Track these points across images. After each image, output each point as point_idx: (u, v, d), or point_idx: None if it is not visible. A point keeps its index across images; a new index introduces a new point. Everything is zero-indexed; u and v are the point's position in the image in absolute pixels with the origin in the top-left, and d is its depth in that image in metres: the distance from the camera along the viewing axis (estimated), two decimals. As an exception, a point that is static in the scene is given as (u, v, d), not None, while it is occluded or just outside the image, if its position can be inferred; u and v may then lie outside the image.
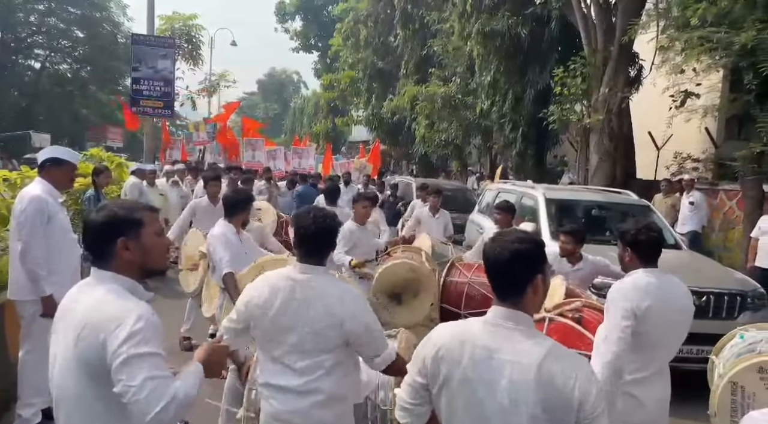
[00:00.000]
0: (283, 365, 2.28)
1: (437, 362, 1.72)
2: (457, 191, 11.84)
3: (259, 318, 2.30)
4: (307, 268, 2.33)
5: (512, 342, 1.65)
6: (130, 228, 1.85)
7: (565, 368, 1.60)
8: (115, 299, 1.75)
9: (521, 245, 1.70)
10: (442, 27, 16.78)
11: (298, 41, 40.04)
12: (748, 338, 3.03)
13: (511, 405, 1.61)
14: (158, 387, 1.66)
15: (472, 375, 1.66)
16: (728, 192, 9.59)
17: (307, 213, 2.40)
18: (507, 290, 1.71)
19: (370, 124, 23.56)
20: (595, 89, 10.86)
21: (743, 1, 7.51)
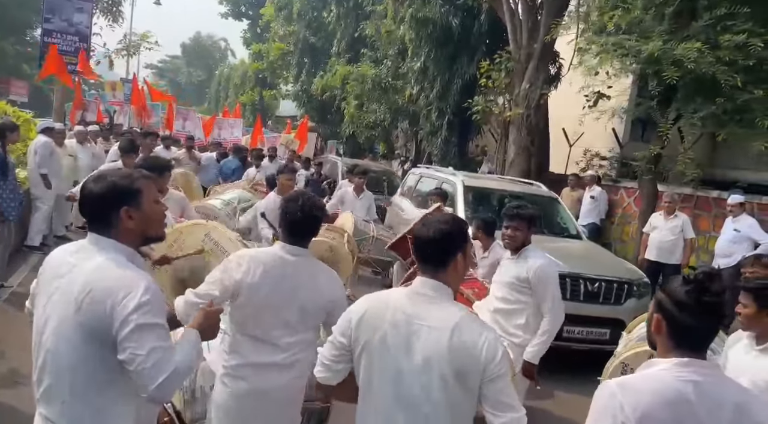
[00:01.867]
0: (263, 343, 2.42)
1: (360, 324, 1.89)
2: (382, 174, 12.05)
3: (249, 296, 2.39)
4: (295, 250, 2.49)
5: (430, 309, 1.83)
6: (132, 197, 1.86)
7: (474, 333, 1.80)
8: (119, 267, 1.77)
9: (446, 225, 1.93)
10: (376, 8, 16.80)
11: (227, 7, 38.58)
12: None
13: (424, 365, 1.78)
14: (163, 358, 1.70)
15: (392, 337, 1.83)
16: (628, 189, 10.40)
17: (296, 200, 2.53)
18: (432, 264, 1.91)
19: (299, 100, 23.25)
20: (517, 84, 11.34)
21: (653, 13, 8.14)
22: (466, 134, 13.83)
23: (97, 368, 1.74)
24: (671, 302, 1.62)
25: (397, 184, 12.02)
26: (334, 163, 12.63)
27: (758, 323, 2.55)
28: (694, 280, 1.61)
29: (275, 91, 30.79)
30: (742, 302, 2.60)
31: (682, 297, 1.59)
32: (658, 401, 1.53)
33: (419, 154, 16.44)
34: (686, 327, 1.60)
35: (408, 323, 1.83)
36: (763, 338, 2.56)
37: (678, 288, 1.62)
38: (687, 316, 1.59)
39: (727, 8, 7.35)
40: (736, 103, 7.31)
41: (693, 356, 1.59)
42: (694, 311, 1.59)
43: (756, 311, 2.54)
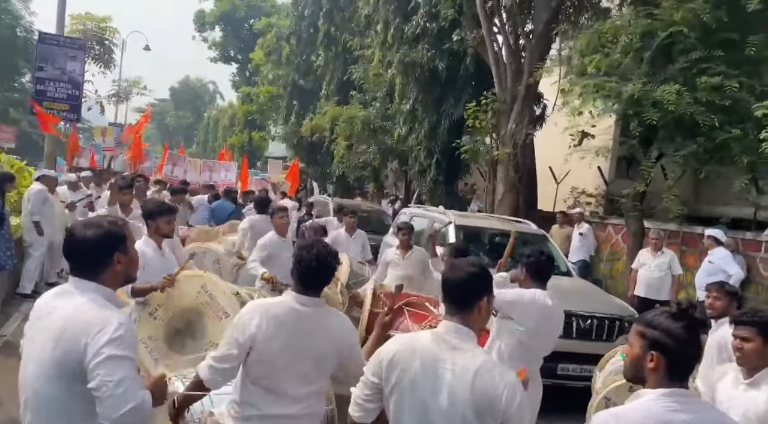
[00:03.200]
0: (277, 394, 2.39)
1: (391, 365, 2.00)
2: (373, 213, 12.17)
3: (263, 350, 2.36)
4: (309, 300, 2.45)
5: (455, 354, 1.95)
6: (122, 242, 1.98)
7: (495, 377, 1.92)
8: (97, 307, 1.85)
9: (474, 269, 2.06)
10: (363, 53, 17.26)
11: (216, 52, 39.35)
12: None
13: (449, 407, 1.90)
14: (133, 388, 1.77)
15: (420, 379, 1.95)
16: (615, 226, 10.58)
17: (310, 248, 2.49)
18: (458, 307, 2.03)
19: (288, 141, 23.54)
20: (504, 124, 11.64)
21: (631, 57, 8.48)
22: (454, 173, 14.07)
23: (72, 403, 1.80)
24: (671, 339, 1.70)
25: (387, 223, 12.13)
26: (325, 204, 12.75)
27: (761, 356, 2.56)
28: (687, 316, 1.72)
29: (264, 133, 31.15)
30: (745, 335, 2.59)
31: (680, 333, 1.69)
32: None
33: (409, 193, 16.62)
34: (686, 360, 1.72)
35: (434, 366, 1.95)
36: (752, 372, 2.60)
37: (673, 325, 1.70)
38: (688, 350, 1.71)
39: (702, 52, 7.72)
40: (715, 141, 7.57)
41: (680, 386, 1.70)
42: (694, 345, 1.71)
43: (761, 345, 2.56)
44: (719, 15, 7.63)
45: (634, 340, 1.81)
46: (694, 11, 7.65)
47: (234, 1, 37.38)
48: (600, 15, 11.32)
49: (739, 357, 2.63)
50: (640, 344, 1.77)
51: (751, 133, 7.24)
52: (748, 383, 2.60)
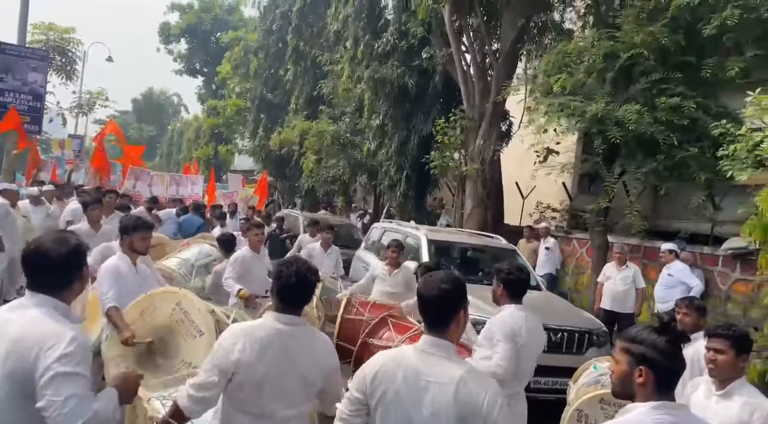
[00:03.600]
0: (261, 418, 2.35)
1: (376, 380, 2.04)
2: (342, 227, 12.17)
3: (248, 374, 2.31)
4: (290, 319, 2.41)
5: (436, 366, 2.01)
6: (84, 259, 2.03)
7: (477, 386, 1.98)
8: (51, 321, 1.85)
9: (449, 285, 2.08)
10: (333, 68, 17.37)
11: (181, 64, 38.90)
12: (599, 369, 3.56)
13: (433, 417, 1.96)
14: (80, 405, 1.75)
15: (404, 392, 2.00)
16: (580, 240, 10.86)
17: (290, 264, 2.45)
18: (435, 322, 2.08)
19: (256, 155, 23.38)
20: (472, 140, 11.87)
21: (594, 77, 8.79)
22: (423, 188, 14.22)
23: (19, 416, 1.79)
24: (657, 353, 1.77)
25: (357, 238, 12.15)
26: (295, 218, 12.69)
27: (734, 368, 2.67)
28: (669, 329, 1.80)
29: (231, 147, 30.84)
30: (718, 347, 2.68)
31: (666, 347, 1.77)
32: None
33: (378, 207, 16.70)
34: (671, 373, 1.79)
35: (417, 379, 2.00)
36: (724, 383, 2.70)
37: (658, 339, 1.78)
38: (674, 363, 1.78)
39: (661, 73, 8.06)
40: (674, 159, 7.89)
41: (669, 398, 1.77)
42: (678, 357, 1.79)
43: (734, 358, 2.67)
44: (677, 39, 8.00)
45: (620, 356, 1.85)
46: (653, 34, 7.99)
47: (200, 14, 37.11)
48: (564, 36, 11.71)
49: (711, 369, 2.72)
50: (626, 359, 1.82)
51: (708, 151, 7.57)
52: (720, 395, 2.69)
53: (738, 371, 2.70)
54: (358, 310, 4.96)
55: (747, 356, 2.76)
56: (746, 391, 2.68)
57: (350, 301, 5.12)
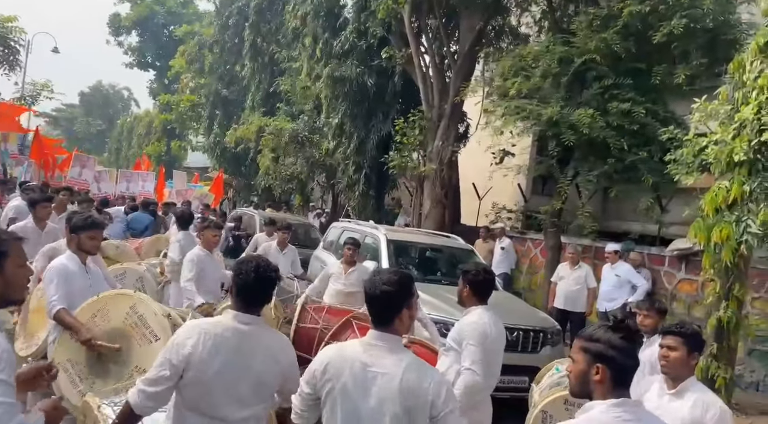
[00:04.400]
0: (212, 419, 2.27)
1: (324, 374, 2.12)
2: (300, 227, 12.07)
3: (200, 372, 2.24)
4: (249, 318, 2.36)
5: (382, 358, 2.09)
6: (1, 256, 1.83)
7: (420, 375, 2.06)
8: None
9: (390, 286, 2.15)
10: (291, 65, 17.19)
11: (132, 57, 37.71)
12: (562, 371, 3.62)
13: (378, 407, 2.03)
14: (4, 414, 1.64)
15: (351, 384, 2.07)
16: (534, 241, 11.10)
17: (249, 262, 2.40)
18: (380, 319, 2.17)
19: (211, 152, 22.89)
20: (430, 141, 11.97)
21: (550, 81, 9.01)
22: (382, 188, 14.25)
23: None
24: (613, 350, 1.80)
25: (315, 237, 12.06)
26: (251, 217, 12.49)
27: (686, 366, 2.74)
28: (623, 327, 1.84)
29: (185, 143, 30.11)
30: (671, 344, 2.75)
31: (621, 344, 1.80)
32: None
33: (336, 206, 16.63)
34: (627, 369, 1.83)
35: (363, 371, 2.07)
36: (675, 382, 2.75)
37: (613, 337, 1.82)
38: (629, 359, 1.82)
39: (613, 79, 8.34)
40: (624, 163, 8.17)
41: (625, 396, 1.82)
42: (633, 354, 1.84)
43: (686, 355, 2.74)
44: (628, 45, 8.29)
45: (577, 355, 1.87)
46: (606, 41, 8.26)
47: (152, 7, 36.06)
48: (520, 40, 11.96)
49: (664, 365, 2.79)
50: (583, 358, 1.84)
51: (656, 155, 7.88)
52: (672, 394, 2.74)
53: (690, 368, 2.77)
54: (312, 317, 4.88)
55: (698, 354, 2.85)
56: (698, 389, 2.75)
57: (305, 308, 5.02)
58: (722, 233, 4.99)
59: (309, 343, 4.47)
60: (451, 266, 7.53)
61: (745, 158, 5.05)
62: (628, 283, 7.63)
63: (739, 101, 5.32)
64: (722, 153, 5.28)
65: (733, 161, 5.17)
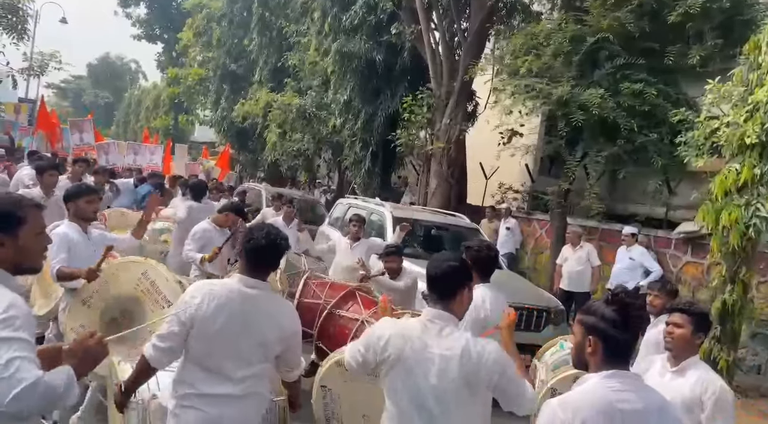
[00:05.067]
0: (216, 375, 2.39)
1: (385, 349, 2.19)
2: (307, 203, 12.08)
3: (203, 329, 2.37)
4: (255, 282, 2.47)
5: (440, 338, 2.16)
6: (9, 224, 1.83)
7: (479, 351, 2.13)
8: None
9: (456, 262, 2.28)
10: (300, 40, 17.00)
11: (140, 29, 37.38)
12: (566, 348, 3.62)
13: (440, 384, 2.11)
14: (24, 368, 1.65)
15: (412, 362, 2.14)
16: (540, 221, 11.08)
17: (260, 229, 2.52)
18: (442, 296, 2.24)
19: (218, 126, 22.80)
20: (438, 119, 11.88)
21: (561, 60, 8.88)
22: (389, 166, 14.19)
23: None
24: (604, 322, 1.83)
25: (321, 213, 12.08)
26: (257, 192, 12.50)
27: (689, 344, 2.77)
28: (617, 300, 1.85)
29: (192, 117, 30.00)
30: (677, 322, 2.78)
31: (612, 316, 1.82)
32: (593, 412, 1.74)
33: (342, 183, 16.60)
34: (618, 342, 1.84)
35: (424, 350, 2.14)
36: (678, 360, 2.78)
37: (605, 309, 1.84)
38: (619, 332, 1.82)
39: (625, 59, 8.20)
40: (634, 144, 8.09)
41: (621, 368, 1.84)
42: (624, 326, 1.83)
43: (691, 334, 2.76)
44: (642, 25, 8.14)
45: (576, 328, 1.93)
46: (619, 20, 8.11)
47: (161, -22, 35.68)
48: (532, 18, 11.75)
49: (668, 342, 2.80)
50: (580, 331, 1.90)
51: (666, 137, 7.79)
52: (674, 371, 2.76)
53: (693, 348, 2.78)
54: (315, 292, 4.88)
55: (704, 335, 2.82)
56: (700, 367, 2.76)
57: (307, 283, 5.04)
58: (731, 216, 4.96)
59: (311, 318, 4.47)
60: (456, 244, 7.52)
61: (757, 141, 4.98)
62: (641, 266, 7.61)
63: (753, 83, 5.23)
64: (734, 135, 5.21)
65: (744, 144, 5.09)
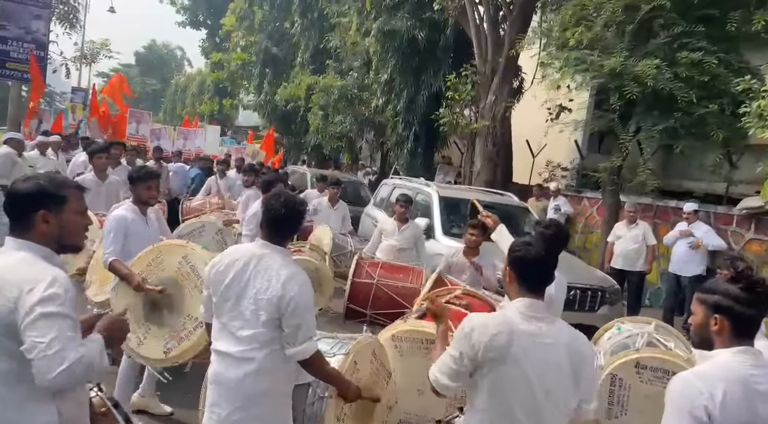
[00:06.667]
0: (228, 332, 2.47)
1: (490, 350, 2.03)
2: (350, 184, 12.09)
3: (216, 284, 2.50)
4: (267, 245, 2.52)
5: (545, 327, 2.08)
6: (53, 203, 1.90)
7: (581, 340, 2.14)
8: (30, 264, 1.80)
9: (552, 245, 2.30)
10: (340, 21, 16.89)
11: (185, 16, 37.98)
12: (624, 331, 3.49)
13: (549, 374, 2.04)
14: (66, 347, 1.70)
15: (521, 355, 2.03)
16: (590, 200, 10.76)
17: (278, 197, 2.55)
18: (540, 285, 2.15)
19: (261, 110, 23.04)
20: (483, 96, 11.62)
21: (613, 31, 8.50)
22: (432, 145, 14.02)
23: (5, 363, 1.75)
24: (731, 300, 1.83)
25: (364, 195, 12.08)
26: (302, 174, 12.59)
27: None
28: (743, 277, 1.85)
29: (236, 101, 30.42)
30: None
31: (739, 293, 1.82)
32: (731, 383, 1.77)
33: (385, 165, 16.54)
34: (745, 318, 1.84)
35: (533, 342, 2.05)
36: None
37: (731, 287, 1.84)
38: (746, 308, 1.82)
39: (684, 27, 7.77)
40: (692, 117, 7.69)
41: (748, 344, 1.85)
42: (751, 303, 1.82)
43: None
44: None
45: (696, 308, 1.94)
46: (677, -15, 7.67)
47: (203, -36, 36.03)
48: (581, -13, 11.27)
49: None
50: (702, 310, 1.91)
51: (727, 109, 7.38)
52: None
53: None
54: (367, 272, 4.91)
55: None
56: None
57: (359, 263, 5.06)
58: (801, 190, 4.66)
59: (365, 297, 4.53)
60: (506, 224, 7.38)
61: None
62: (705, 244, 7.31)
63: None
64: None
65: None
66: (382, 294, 4.77)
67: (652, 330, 3.46)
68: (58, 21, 16.66)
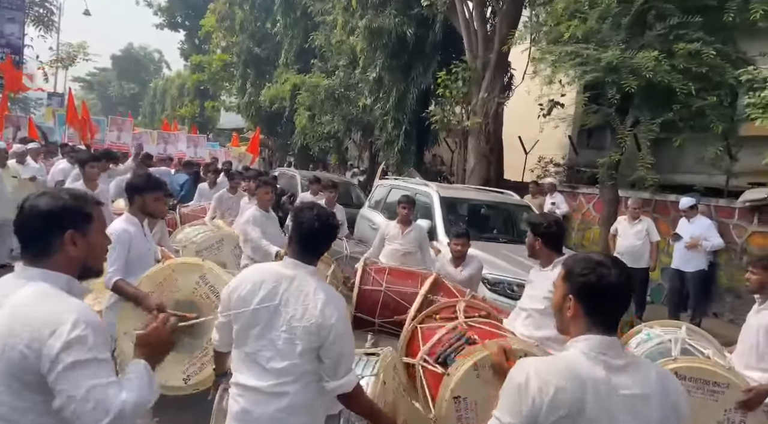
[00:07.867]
0: (254, 364, 2.17)
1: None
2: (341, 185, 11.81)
3: (239, 309, 2.22)
4: (296, 265, 2.25)
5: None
6: (81, 221, 1.64)
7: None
8: (47, 298, 1.53)
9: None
10: (325, 19, 16.61)
11: (162, 18, 37.35)
12: (654, 337, 3.27)
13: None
14: (106, 397, 1.47)
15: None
16: (587, 195, 10.64)
17: (310, 209, 2.27)
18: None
19: (245, 112, 22.65)
20: (475, 93, 11.44)
21: (609, 23, 8.35)
22: (423, 144, 13.82)
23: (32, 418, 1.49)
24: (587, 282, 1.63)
25: (355, 196, 11.84)
26: (291, 176, 12.31)
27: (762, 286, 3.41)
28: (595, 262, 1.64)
29: (218, 103, 29.98)
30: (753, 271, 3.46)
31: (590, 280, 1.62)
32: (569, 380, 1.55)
33: (373, 165, 16.30)
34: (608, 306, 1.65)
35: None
36: (764, 297, 3.44)
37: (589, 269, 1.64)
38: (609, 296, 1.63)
39: (680, 18, 7.64)
40: (691, 109, 7.58)
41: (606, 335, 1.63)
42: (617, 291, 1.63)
43: None
44: (698, -21, 7.56)
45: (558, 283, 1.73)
46: (672, -25, 7.55)
47: (180, -36, 35.43)
48: (571, -19, 11.14)
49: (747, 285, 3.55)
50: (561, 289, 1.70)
51: (725, 100, 7.27)
52: (762, 306, 3.41)
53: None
54: (374, 279, 4.64)
55: None
56: None
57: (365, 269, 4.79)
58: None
59: (372, 305, 4.27)
60: (507, 223, 7.22)
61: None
62: (705, 239, 7.20)
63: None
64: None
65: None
66: (390, 301, 4.51)
67: (685, 336, 3.26)
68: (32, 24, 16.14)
